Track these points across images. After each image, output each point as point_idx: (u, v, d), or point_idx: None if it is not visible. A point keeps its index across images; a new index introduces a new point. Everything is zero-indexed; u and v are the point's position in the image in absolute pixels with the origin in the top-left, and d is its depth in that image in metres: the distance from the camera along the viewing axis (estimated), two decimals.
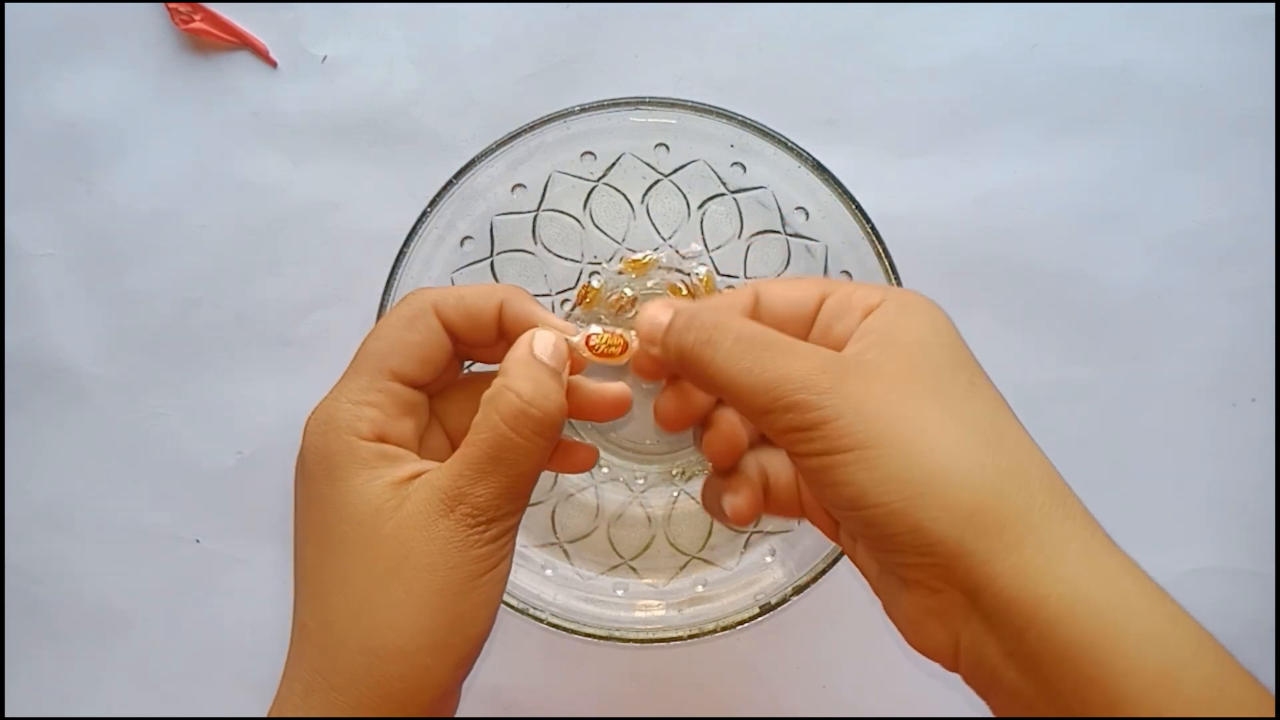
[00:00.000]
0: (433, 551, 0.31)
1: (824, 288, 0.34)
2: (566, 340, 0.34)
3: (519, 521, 0.33)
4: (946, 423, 0.29)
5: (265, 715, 0.32)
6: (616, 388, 0.36)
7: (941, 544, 0.28)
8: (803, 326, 0.34)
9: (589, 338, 0.35)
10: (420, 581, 0.31)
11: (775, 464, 0.35)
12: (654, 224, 0.50)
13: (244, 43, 0.54)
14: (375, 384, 0.33)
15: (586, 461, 0.38)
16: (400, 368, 0.34)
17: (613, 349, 0.35)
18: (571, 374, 0.35)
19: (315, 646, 0.31)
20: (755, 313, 0.34)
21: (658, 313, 0.33)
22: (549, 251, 0.50)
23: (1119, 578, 0.28)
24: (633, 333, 0.35)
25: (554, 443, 0.33)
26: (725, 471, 0.35)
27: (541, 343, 0.33)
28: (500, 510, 0.31)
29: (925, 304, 0.33)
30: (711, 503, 0.36)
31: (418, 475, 0.32)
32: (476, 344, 0.35)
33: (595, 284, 0.50)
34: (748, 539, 0.48)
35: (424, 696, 0.31)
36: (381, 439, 0.33)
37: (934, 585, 0.29)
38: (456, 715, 0.34)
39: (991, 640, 0.28)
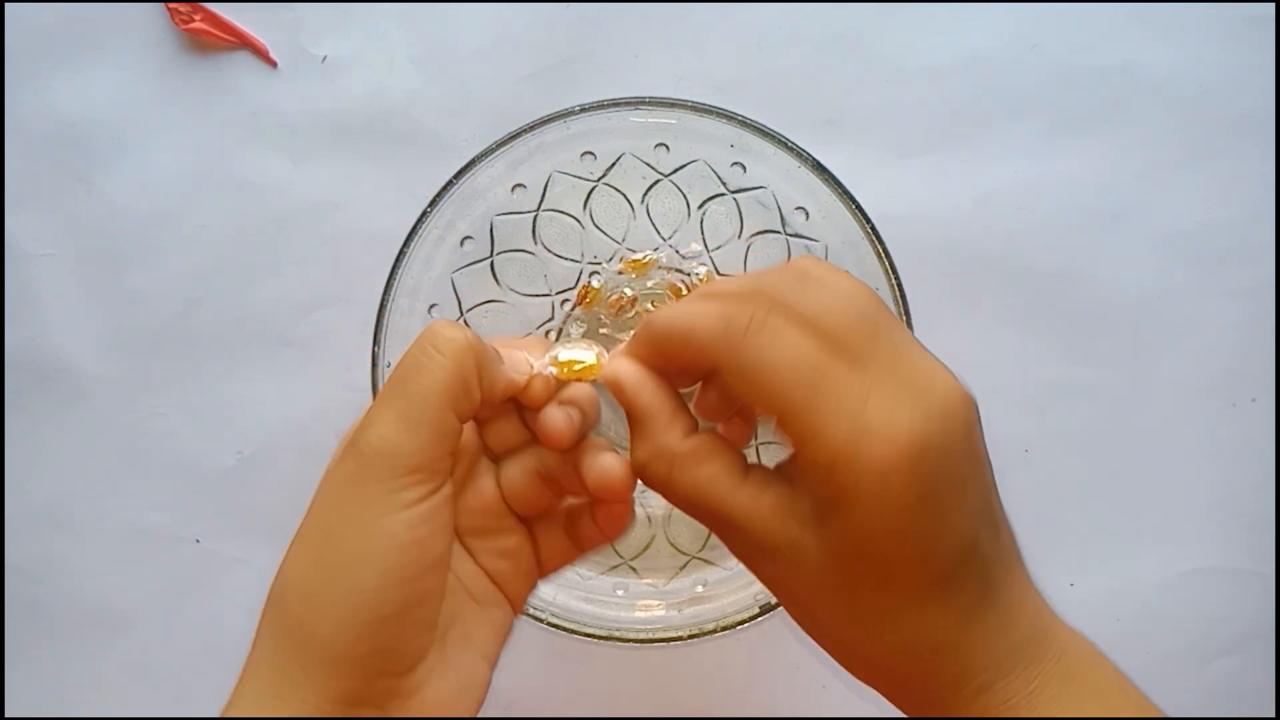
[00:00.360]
0: (325, 490, 0.30)
1: (788, 395, 0.27)
2: (530, 363, 0.33)
3: (423, 470, 0.29)
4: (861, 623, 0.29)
5: None
6: (610, 466, 0.32)
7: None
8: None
9: (555, 363, 0.33)
10: (310, 523, 0.30)
11: None
12: (654, 224, 0.50)
13: (244, 43, 0.54)
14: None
15: (619, 521, 0.34)
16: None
17: (583, 373, 0.33)
18: (532, 400, 0.33)
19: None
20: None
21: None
22: (549, 251, 0.50)
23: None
24: (599, 351, 0.33)
25: (460, 376, 0.29)
26: None
27: (507, 354, 0.32)
28: (388, 440, 0.29)
29: (871, 491, 0.27)
30: None
31: None
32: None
33: (595, 284, 0.50)
34: None
35: (312, 653, 0.29)
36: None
37: None
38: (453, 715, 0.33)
39: None
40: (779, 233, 0.48)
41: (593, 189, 0.49)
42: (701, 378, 0.32)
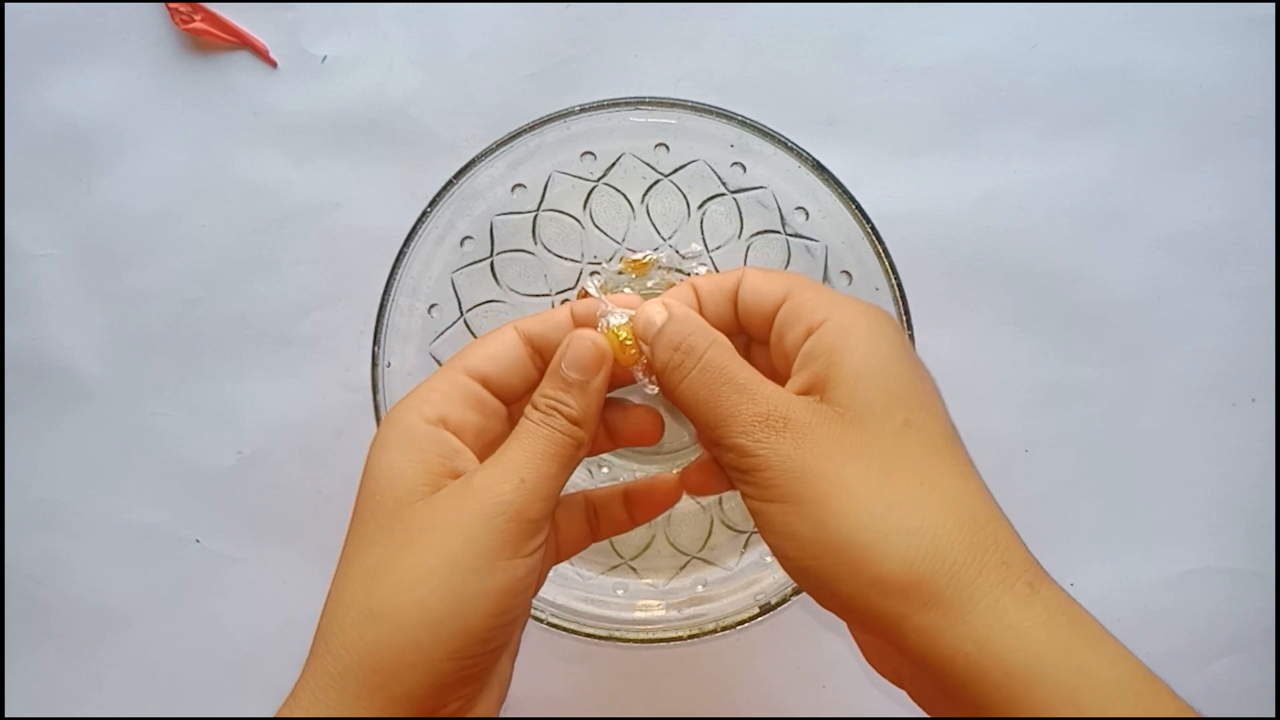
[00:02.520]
0: (454, 523, 0.31)
1: (788, 288, 0.35)
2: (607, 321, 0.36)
3: (544, 526, 0.33)
4: (867, 481, 0.30)
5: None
6: (642, 414, 0.38)
7: (852, 603, 0.30)
8: (765, 323, 0.35)
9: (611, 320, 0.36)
10: (431, 553, 0.31)
11: None
12: (654, 224, 0.50)
13: (244, 43, 0.54)
14: (448, 377, 0.35)
15: (669, 497, 0.38)
16: (473, 364, 0.35)
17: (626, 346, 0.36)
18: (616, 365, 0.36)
19: (326, 614, 0.32)
20: (735, 299, 0.36)
21: (654, 315, 0.35)
22: (549, 251, 0.49)
23: (1031, 632, 0.28)
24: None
25: (581, 445, 0.34)
26: None
27: (570, 355, 0.34)
28: (523, 502, 0.32)
29: (867, 325, 0.33)
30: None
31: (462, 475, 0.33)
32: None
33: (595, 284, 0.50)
34: (748, 539, 0.48)
35: (414, 676, 0.30)
36: (443, 421, 0.34)
37: (862, 630, 0.32)
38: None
39: (924, 677, 0.30)
40: (779, 233, 0.48)
41: (593, 189, 0.49)
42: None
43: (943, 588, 0.28)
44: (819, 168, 0.45)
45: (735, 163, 0.48)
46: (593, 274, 0.50)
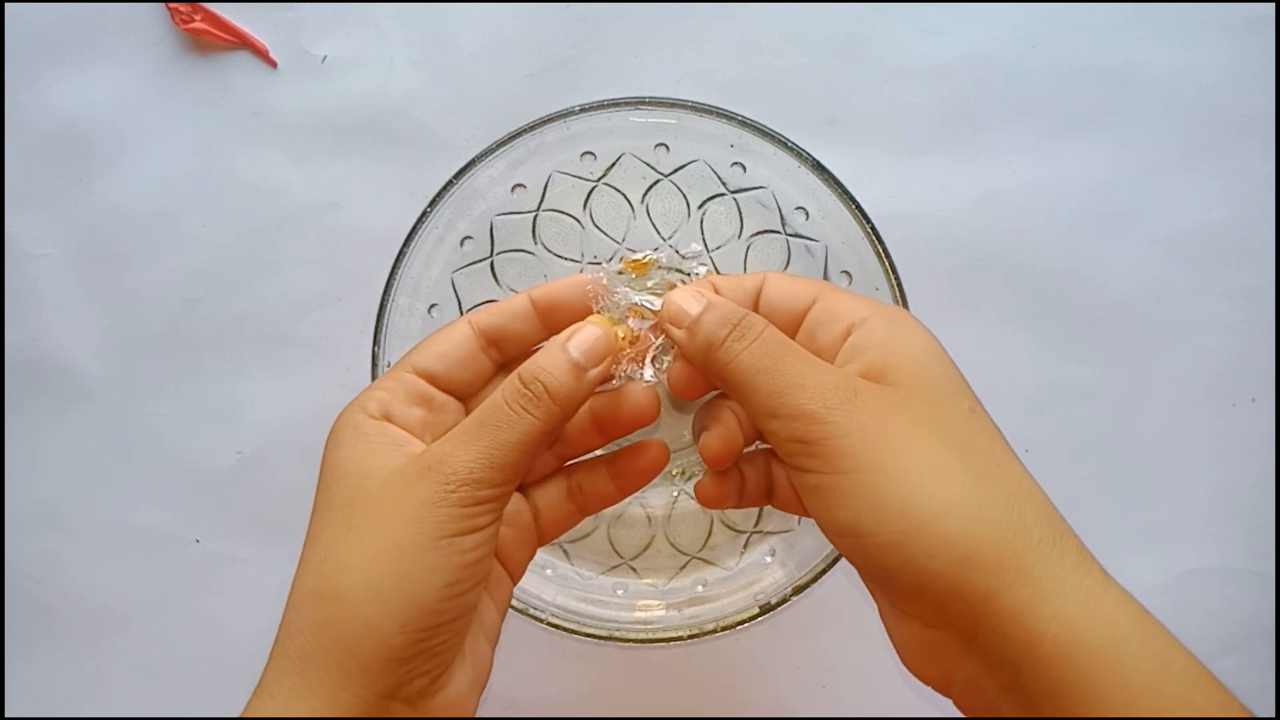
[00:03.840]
0: (400, 504, 0.31)
1: (818, 291, 0.35)
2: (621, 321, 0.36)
3: (498, 499, 0.32)
4: (949, 456, 0.29)
5: None
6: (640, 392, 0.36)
7: (937, 581, 0.28)
8: (792, 323, 0.35)
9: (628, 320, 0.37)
10: (379, 531, 0.31)
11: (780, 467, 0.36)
12: (654, 224, 0.50)
13: (244, 43, 0.54)
14: (394, 375, 0.35)
15: (656, 461, 0.37)
16: (419, 362, 0.35)
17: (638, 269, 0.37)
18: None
19: (287, 603, 0.32)
20: (756, 301, 0.36)
21: (688, 302, 0.34)
22: (549, 251, 0.50)
23: (1114, 616, 0.28)
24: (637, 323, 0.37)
25: (549, 424, 0.33)
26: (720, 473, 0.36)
27: (578, 337, 0.34)
28: (473, 474, 0.32)
29: (913, 321, 0.34)
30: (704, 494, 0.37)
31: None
32: (520, 339, 0.37)
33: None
34: (748, 539, 0.48)
35: (367, 650, 0.30)
36: (387, 417, 0.34)
37: (929, 621, 0.30)
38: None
39: (988, 675, 0.29)
40: (779, 233, 0.48)
41: (593, 189, 0.49)
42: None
43: (1032, 564, 0.28)
44: (819, 168, 0.45)
45: (735, 163, 0.48)
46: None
